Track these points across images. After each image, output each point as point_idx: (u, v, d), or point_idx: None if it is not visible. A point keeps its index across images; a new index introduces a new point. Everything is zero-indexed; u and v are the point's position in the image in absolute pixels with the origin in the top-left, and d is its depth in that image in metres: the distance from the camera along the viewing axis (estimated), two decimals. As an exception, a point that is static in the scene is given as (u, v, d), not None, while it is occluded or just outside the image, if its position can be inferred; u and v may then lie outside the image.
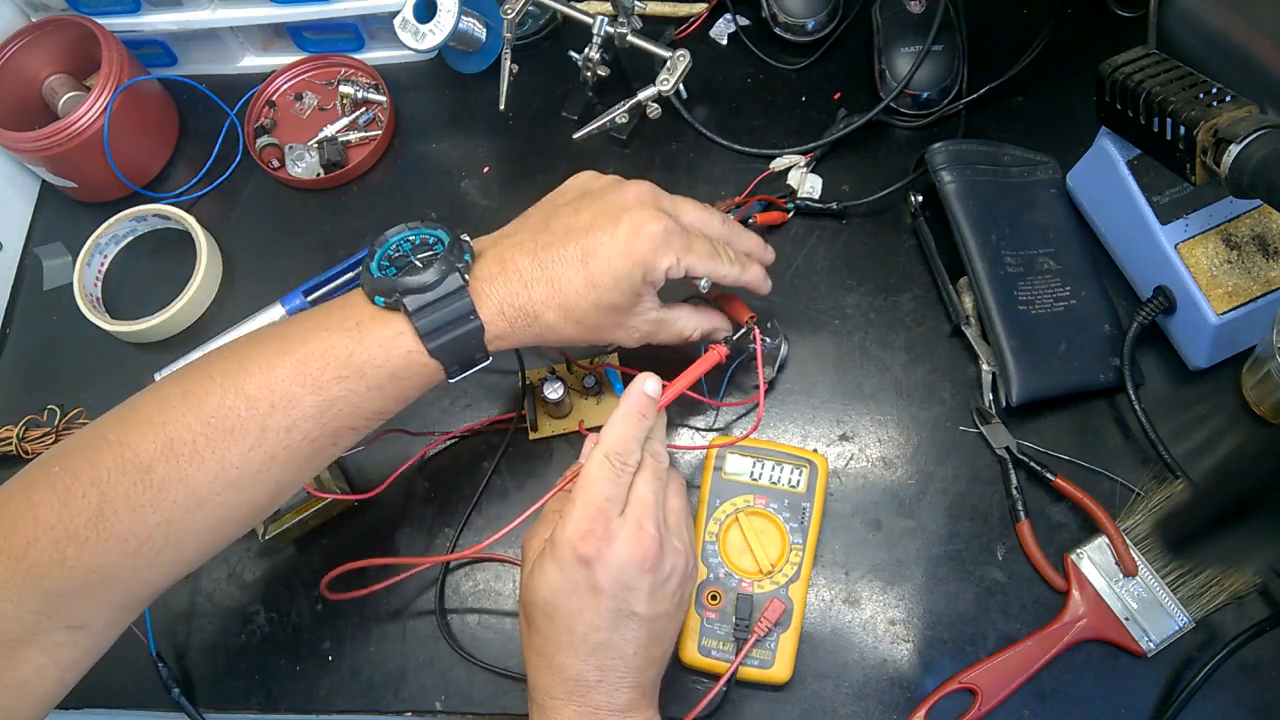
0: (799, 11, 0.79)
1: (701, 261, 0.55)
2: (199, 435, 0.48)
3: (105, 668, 0.66)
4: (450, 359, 0.53)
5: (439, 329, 0.52)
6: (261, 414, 0.49)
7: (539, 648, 0.51)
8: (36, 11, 0.82)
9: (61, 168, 0.78)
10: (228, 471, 0.49)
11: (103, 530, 0.47)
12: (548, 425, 0.69)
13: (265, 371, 0.50)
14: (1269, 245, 0.64)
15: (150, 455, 0.48)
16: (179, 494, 0.48)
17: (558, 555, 0.49)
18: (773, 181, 0.76)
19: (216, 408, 0.49)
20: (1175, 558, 0.61)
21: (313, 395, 0.50)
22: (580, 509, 0.49)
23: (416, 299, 0.51)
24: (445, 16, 0.72)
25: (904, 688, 0.61)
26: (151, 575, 0.50)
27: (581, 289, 0.53)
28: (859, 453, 0.67)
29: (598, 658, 0.50)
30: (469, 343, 0.53)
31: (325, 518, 0.68)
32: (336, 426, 0.52)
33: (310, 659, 0.66)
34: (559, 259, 0.53)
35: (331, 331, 0.52)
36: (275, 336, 0.52)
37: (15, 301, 0.81)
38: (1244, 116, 0.54)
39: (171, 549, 0.49)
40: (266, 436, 0.50)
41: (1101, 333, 0.67)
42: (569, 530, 0.49)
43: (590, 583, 0.49)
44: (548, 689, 0.50)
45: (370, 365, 0.51)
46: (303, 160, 0.81)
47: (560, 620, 0.50)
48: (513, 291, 0.53)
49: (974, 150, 0.71)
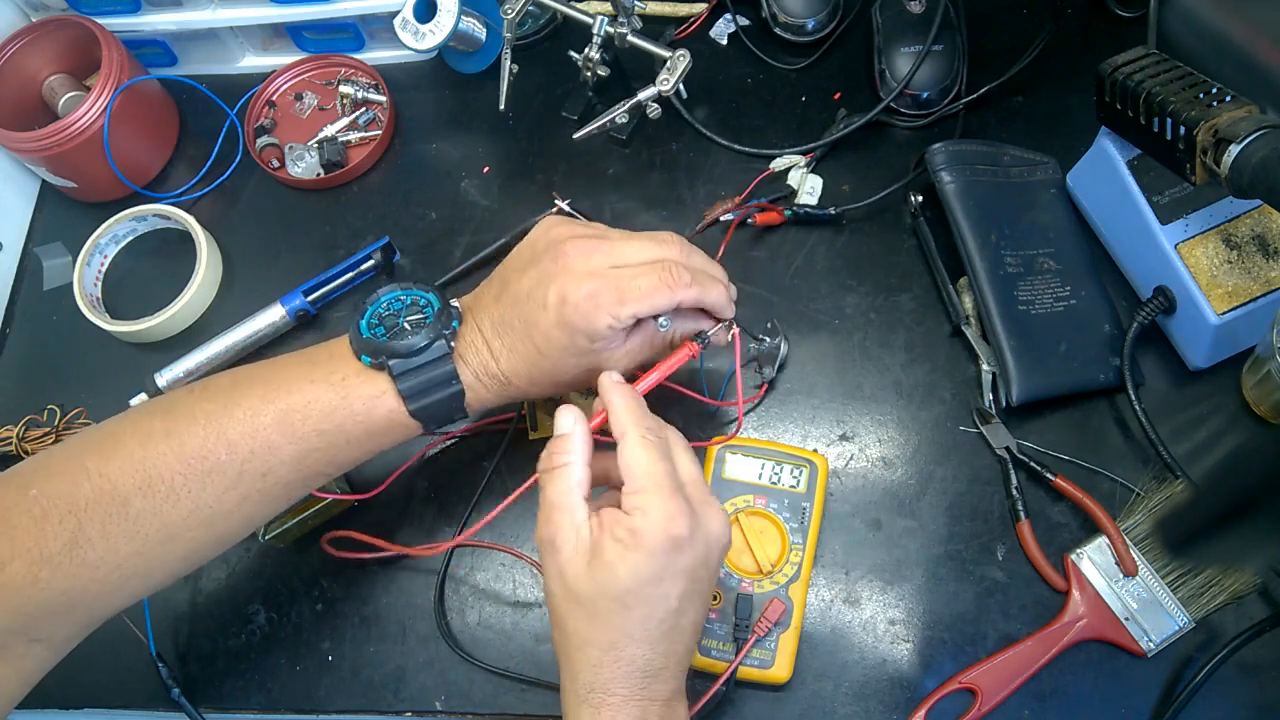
0: (799, 11, 0.79)
1: (643, 302, 0.52)
2: (178, 475, 0.50)
3: (105, 668, 0.67)
4: (430, 420, 0.55)
5: (422, 392, 0.53)
6: (240, 459, 0.51)
7: (605, 643, 0.47)
8: (36, 11, 0.82)
9: (61, 168, 0.78)
10: (202, 510, 0.51)
11: (76, 557, 0.48)
12: (547, 425, 0.69)
13: (249, 419, 0.51)
14: (1269, 245, 0.64)
15: (128, 490, 0.49)
16: (153, 528, 0.50)
17: (646, 542, 0.46)
18: (773, 182, 0.76)
19: (197, 449, 0.50)
20: (1175, 558, 0.61)
21: (292, 445, 0.52)
22: (655, 493, 0.47)
23: (402, 363, 0.53)
24: (445, 16, 0.72)
25: (904, 688, 0.61)
26: (118, 599, 0.52)
27: (536, 359, 0.54)
28: (859, 453, 0.67)
29: (667, 643, 0.48)
30: (449, 405, 0.54)
31: (325, 518, 0.68)
32: (311, 473, 0.54)
33: (310, 659, 0.66)
34: (511, 331, 0.54)
35: (317, 384, 0.53)
36: (262, 380, 0.53)
37: (15, 301, 0.81)
38: (1244, 116, 0.54)
39: (140, 577, 0.51)
40: (243, 480, 0.51)
41: (1101, 333, 0.67)
42: (655, 515, 0.46)
43: (678, 566, 0.47)
44: (606, 686, 0.47)
45: (351, 421, 0.53)
46: (303, 160, 0.81)
47: (639, 609, 0.47)
48: (484, 360, 0.55)
49: (974, 150, 0.71)
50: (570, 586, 0.47)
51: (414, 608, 0.66)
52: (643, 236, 0.56)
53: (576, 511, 0.48)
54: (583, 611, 0.47)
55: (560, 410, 0.51)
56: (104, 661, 0.67)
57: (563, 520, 0.48)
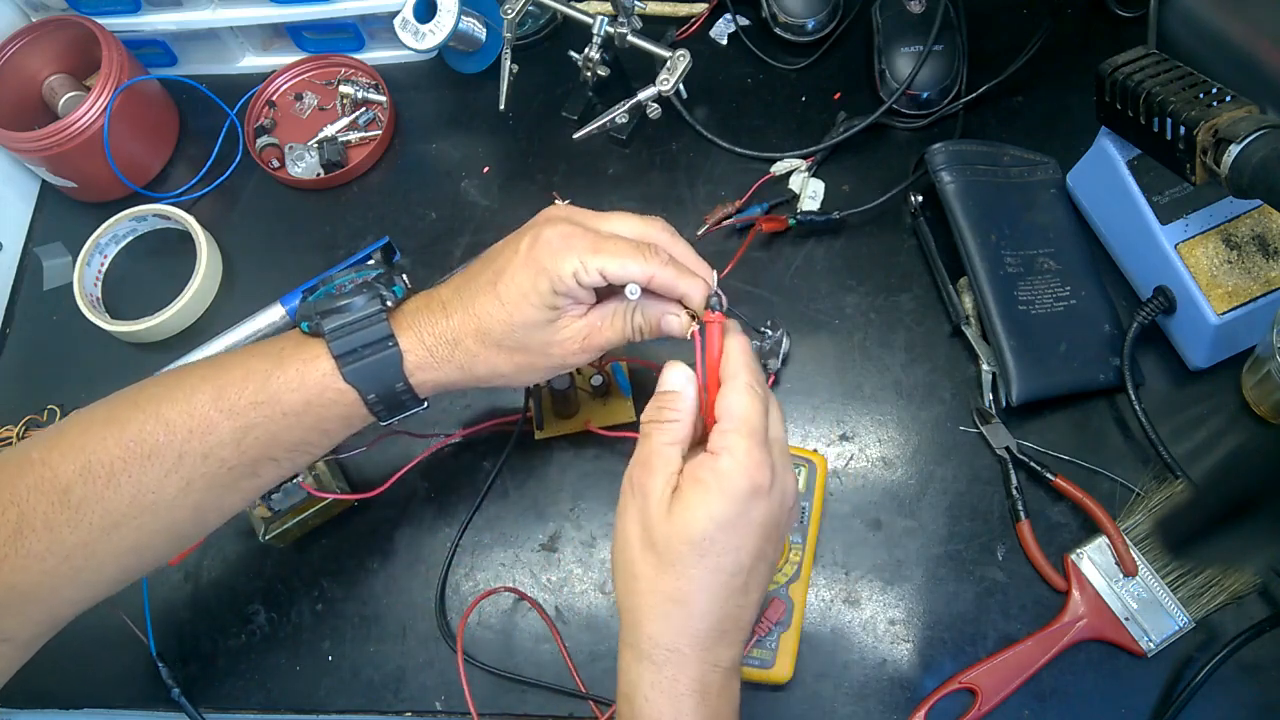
0: (799, 11, 0.79)
1: (614, 260, 0.50)
2: (117, 459, 0.49)
3: (105, 668, 0.67)
4: (367, 386, 0.52)
5: (354, 351, 0.52)
6: (179, 440, 0.50)
7: (675, 592, 0.46)
8: (36, 11, 0.82)
9: (61, 168, 0.78)
10: (144, 496, 0.50)
11: (20, 548, 0.48)
12: (553, 425, 0.69)
13: (186, 398, 0.51)
14: (1269, 245, 0.64)
15: (69, 477, 0.49)
16: (95, 516, 0.49)
17: (727, 485, 0.45)
18: (774, 185, 0.76)
19: (136, 433, 0.50)
20: (1175, 558, 0.61)
21: (229, 420, 0.51)
22: (747, 437, 0.46)
23: (334, 320, 0.52)
24: (445, 16, 0.72)
25: (904, 688, 0.61)
26: (73, 594, 0.51)
27: (493, 309, 0.52)
28: (859, 453, 0.67)
29: (735, 602, 0.47)
30: (386, 370, 0.52)
31: (325, 518, 0.68)
32: (255, 455, 0.52)
33: (310, 659, 0.66)
34: (475, 286, 0.53)
35: (253, 357, 0.52)
36: (203, 364, 0.53)
37: (15, 301, 0.81)
38: (1244, 116, 0.54)
39: (92, 570, 0.50)
40: (183, 462, 0.50)
41: (1101, 333, 0.67)
42: (741, 458, 0.45)
43: (753, 516, 0.46)
44: (673, 642, 0.46)
45: (286, 389, 0.51)
46: (303, 160, 0.81)
47: (712, 558, 0.45)
48: (433, 319, 0.53)
49: (974, 150, 0.71)
50: (649, 530, 0.46)
51: (414, 608, 0.66)
52: (629, 215, 0.55)
53: (672, 463, 0.47)
54: (655, 557, 0.46)
55: (672, 367, 0.49)
56: (104, 661, 0.67)
57: (658, 467, 0.47)
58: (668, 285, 0.52)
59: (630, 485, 0.48)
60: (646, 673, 0.46)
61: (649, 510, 0.47)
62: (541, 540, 0.67)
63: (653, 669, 0.46)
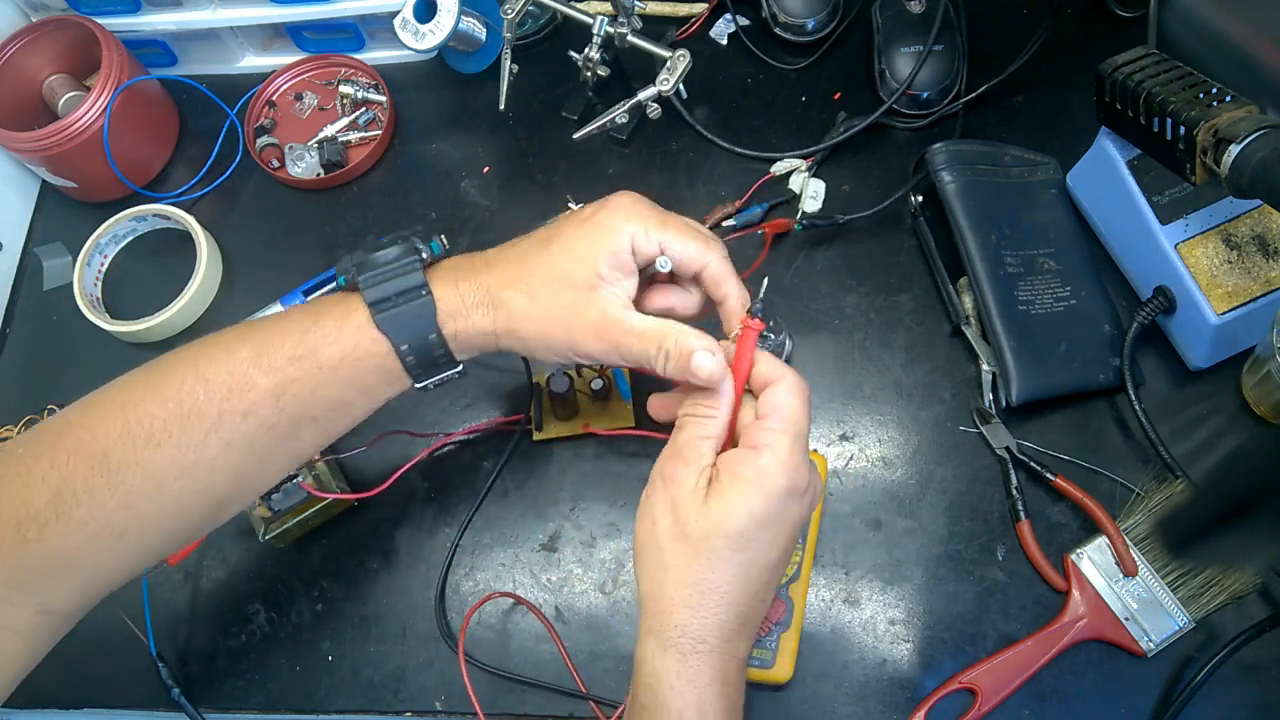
0: (799, 11, 0.79)
1: (679, 238, 0.51)
2: (156, 419, 0.48)
3: (105, 668, 0.67)
4: (400, 335, 0.51)
5: (387, 299, 0.51)
6: (219, 398, 0.49)
7: (707, 584, 0.46)
8: (36, 11, 0.82)
9: (61, 168, 0.78)
10: (184, 456, 0.49)
11: (62, 512, 0.47)
12: (553, 427, 0.69)
13: (225, 357, 0.50)
14: (1269, 245, 0.64)
15: (108, 439, 0.48)
16: (136, 478, 0.48)
17: (768, 483, 0.46)
18: (774, 185, 0.76)
19: (175, 392, 0.49)
20: (1175, 558, 0.61)
21: (267, 377, 0.50)
22: (794, 439, 0.47)
23: (371, 274, 0.51)
24: (445, 16, 0.72)
25: (904, 688, 0.61)
26: (117, 561, 0.50)
27: (537, 259, 0.51)
28: (859, 453, 0.67)
29: (759, 597, 0.48)
30: (418, 319, 0.51)
31: (325, 518, 0.68)
32: (295, 413, 0.51)
33: (310, 659, 0.66)
34: (527, 244, 0.53)
35: (293, 315, 0.52)
36: (243, 326, 0.53)
37: (15, 301, 0.81)
38: (1244, 116, 0.54)
39: (134, 534, 0.49)
40: (223, 421, 0.49)
41: (1101, 333, 0.67)
42: (784, 457, 0.46)
43: (788, 515, 0.47)
44: (700, 633, 0.46)
45: (323, 342, 0.50)
46: (303, 160, 0.81)
47: (747, 553, 0.46)
48: (474, 269, 0.52)
49: (974, 150, 0.71)
50: (682, 521, 0.47)
51: (414, 608, 0.66)
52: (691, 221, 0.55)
53: (706, 457, 0.48)
54: (689, 547, 0.46)
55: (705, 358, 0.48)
56: (104, 661, 0.67)
57: (692, 458, 0.48)
58: (717, 278, 0.53)
59: (662, 475, 0.48)
60: (672, 662, 0.46)
61: (682, 501, 0.47)
62: (541, 540, 0.67)
63: (679, 658, 0.46)
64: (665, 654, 0.46)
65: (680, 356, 0.49)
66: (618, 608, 0.65)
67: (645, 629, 0.48)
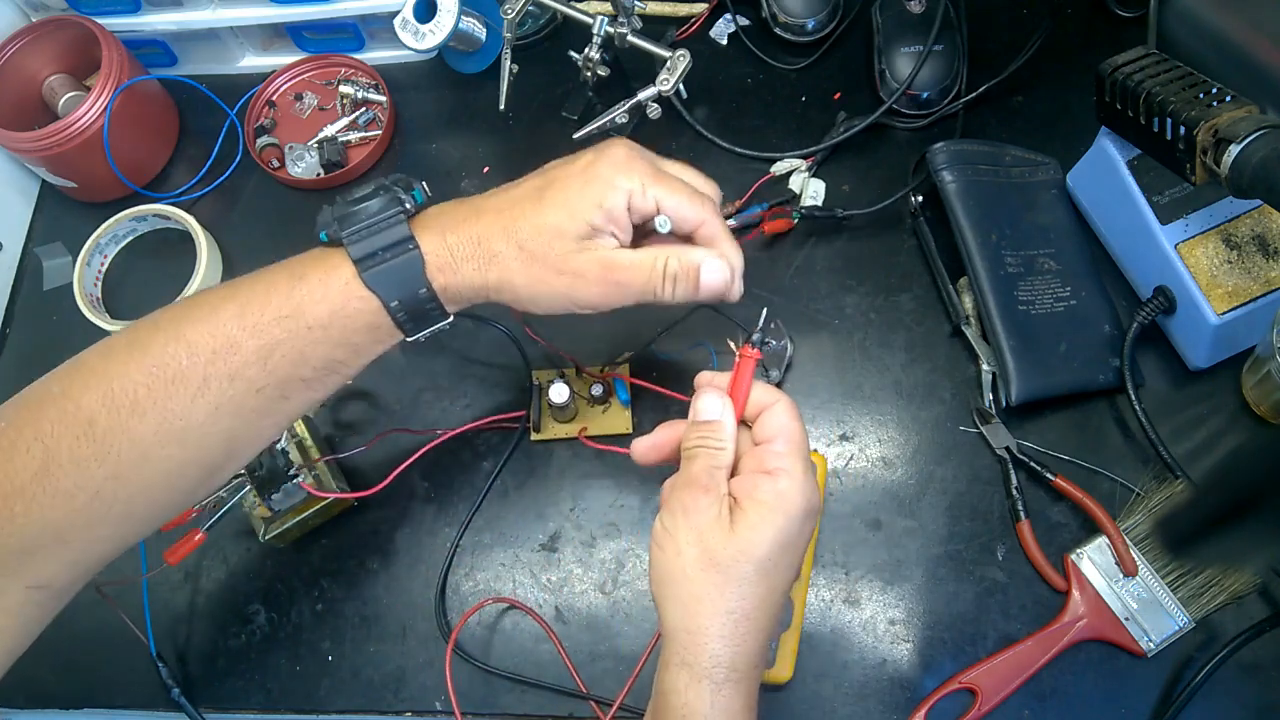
0: (799, 11, 0.79)
1: (673, 194, 0.50)
2: (140, 385, 0.47)
3: (105, 668, 0.67)
4: (389, 291, 0.50)
5: (373, 255, 0.49)
6: (203, 361, 0.48)
7: (740, 611, 0.46)
8: (36, 11, 0.82)
9: (61, 168, 0.78)
10: (171, 423, 0.48)
11: (49, 486, 0.46)
12: (550, 428, 0.69)
13: (208, 317, 0.49)
14: (1269, 245, 0.64)
15: (92, 408, 0.47)
16: (122, 447, 0.47)
17: (790, 506, 0.46)
18: (774, 185, 0.76)
19: (158, 357, 0.48)
20: (1175, 558, 0.61)
21: (254, 339, 0.48)
22: (803, 460, 0.47)
23: (351, 224, 0.50)
24: (445, 16, 0.72)
25: (904, 688, 0.61)
26: (107, 532, 0.49)
27: (529, 211, 0.50)
28: (859, 453, 0.67)
29: (779, 620, 0.48)
30: (407, 273, 0.50)
31: (325, 518, 0.68)
32: (283, 375, 0.50)
33: (310, 659, 0.66)
34: (518, 192, 0.52)
35: (276, 272, 0.50)
36: (227, 285, 0.51)
37: (15, 301, 0.81)
38: (1244, 116, 0.54)
39: (122, 504, 0.48)
40: (209, 385, 0.48)
41: (1101, 333, 0.67)
42: (800, 480, 0.46)
43: (804, 534, 0.47)
44: (734, 661, 0.46)
45: (309, 300, 0.49)
46: (303, 160, 0.81)
47: (774, 576, 0.46)
48: (461, 218, 0.51)
49: (975, 150, 0.71)
50: (710, 551, 0.46)
51: (414, 608, 0.66)
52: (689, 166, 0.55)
53: (721, 485, 0.48)
54: (720, 577, 0.46)
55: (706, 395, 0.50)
56: (104, 661, 0.67)
57: (710, 487, 0.47)
58: (712, 236, 0.52)
59: (682, 507, 0.47)
60: (706, 693, 0.46)
61: (707, 530, 0.46)
62: (541, 540, 0.67)
63: (712, 689, 0.46)
64: (699, 686, 0.46)
65: (687, 272, 0.50)
66: (618, 608, 0.65)
67: (676, 661, 0.47)
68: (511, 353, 0.70)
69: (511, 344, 0.69)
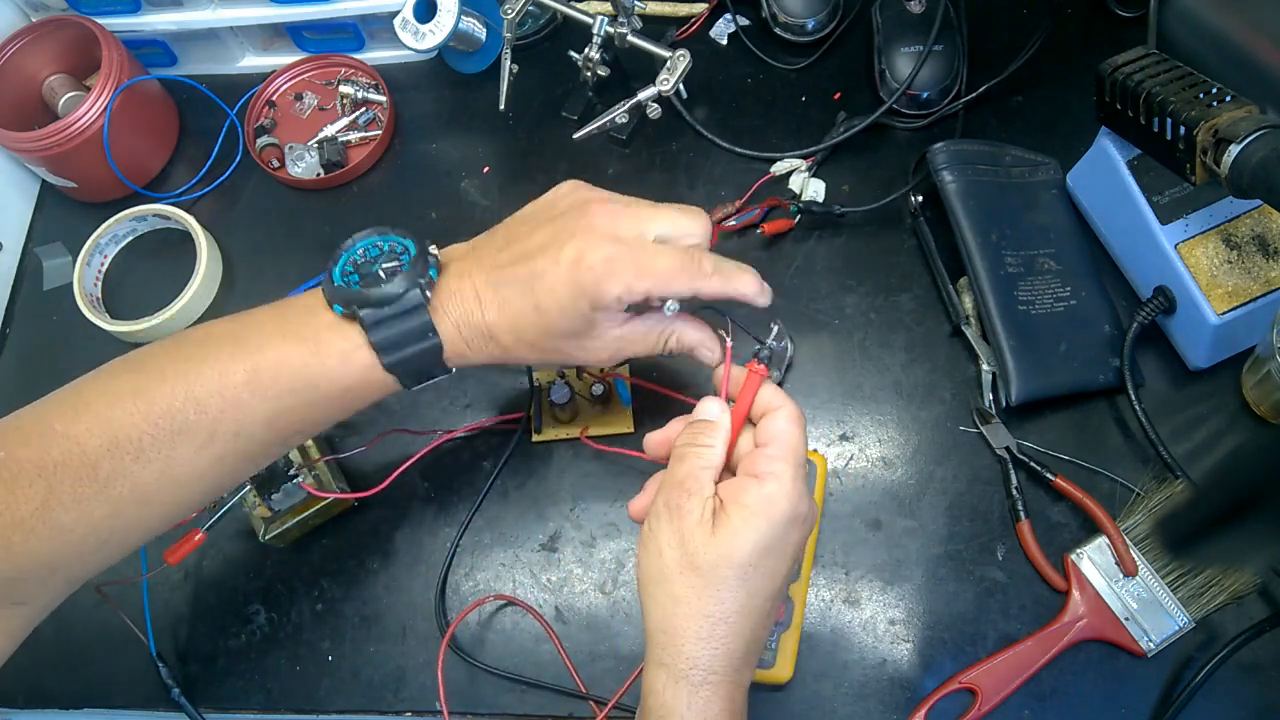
0: (799, 11, 0.79)
1: (661, 283, 0.51)
2: (145, 435, 0.48)
3: (105, 668, 0.67)
4: (407, 374, 0.52)
5: (396, 344, 0.51)
6: (211, 419, 0.49)
7: (718, 614, 0.46)
8: (36, 11, 0.82)
9: (61, 168, 0.78)
10: (174, 470, 0.49)
11: (49, 520, 0.47)
12: (551, 429, 0.69)
13: (218, 377, 0.49)
14: (1269, 245, 0.64)
15: (96, 452, 0.47)
16: (124, 490, 0.48)
17: (774, 512, 0.46)
18: (774, 185, 0.76)
19: (165, 409, 0.48)
20: (1175, 558, 0.61)
21: (264, 404, 0.50)
22: (795, 468, 0.48)
23: (375, 313, 0.50)
24: (445, 16, 0.72)
25: (904, 688, 0.61)
26: (98, 560, 0.50)
27: (530, 315, 0.51)
28: (859, 453, 0.67)
29: (764, 624, 0.48)
30: (426, 359, 0.52)
31: (325, 518, 0.68)
32: (286, 433, 0.52)
33: (310, 659, 0.66)
34: (510, 281, 0.52)
35: (288, 341, 0.51)
36: (232, 338, 0.51)
37: (15, 301, 0.81)
38: (1244, 116, 0.54)
39: (118, 539, 0.49)
40: (215, 440, 0.49)
41: (1101, 333, 0.67)
42: (788, 485, 0.47)
43: (789, 541, 0.47)
44: (711, 664, 0.46)
45: (325, 379, 0.51)
46: (303, 160, 0.81)
47: (754, 581, 0.47)
48: (469, 310, 0.52)
49: (975, 150, 0.71)
50: (691, 553, 0.47)
51: (414, 608, 0.66)
52: (671, 208, 0.54)
53: (707, 487, 0.48)
54: (699, 580, 0.46)
55: (708, 399, 0.51)
56: (104, 661, 0.67)
57: (695, 490, 0.48)
58: (716, 294, 0.53)
59: (666, 508, 0.48)
60: (683, 694, 0.46)
61: (689, 532, 0.47)
62: (541, 540, 0.67)
63: (689, 690, 0.46)
64: (677, 686, 0.46)
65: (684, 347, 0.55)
66: (618, 608, 0.65)
67: (655, 661, 0.48)
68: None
69: (511, 344, 0.69)
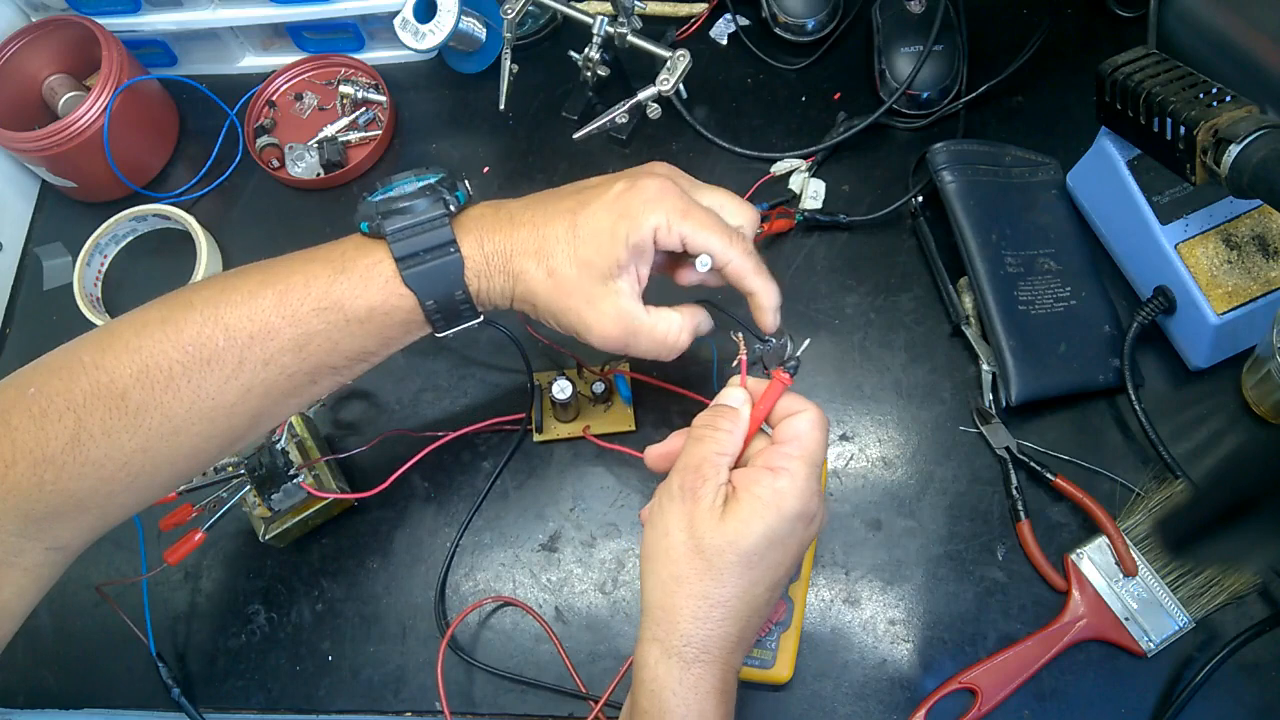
0: (799, 11, 0.79)
1: (699, 231, 0.51)
2: (175, 363, 0.48)
3: (105, 668, 0.67)
4: (426, 291, 0.51)
5: (415, 255, 0.51)
6: (240, 345, 0.49)
7: (717, 598, 0.47)
8: (36, 11, 0.82)
9: (61, 168, 0.78)
10: (203, 401, 0.49)
11: (79, 455, 0.47)
12: (553, 428, 0.69)
13: (246, 301, 0.49)
14: (1269, 245, 0.64)
15: (126, 381, 0.47)
16: (155, 421, 0.48)
17: (784, 505, 0.47)
18: (774, 185, 0.76)
19: (195, 336, 0.48)
20: (1175, 558, 0.61)
21: (292, 328, 0.50)
22: (811, 468, 0.48)
23: (396, 221, 0.51)
24: (445, 16, 0.72)
25: (904, 688, 0.61)
26: (128, 500, 0.50)
27: (562, 235, 0.51)
28: (859, 453, 0.67)
29: (760, 614, 0.49)
30: (447, 276, 0.51)
31: (325, 518, 0.68)
32: (316, 363, 0.51)
33: (310, 659, 0.66)
34: (553, 210, 0.52)
35: (315, 263, 0.51)
36: (260, 269, 0.52)
37: (15, 301, 0.81)
38: (1244, 116, 0.54)
39: (148, 475, 0.49)
40: (244, 368, 0.49)
41: (1101, 333, 0.67)
42: (801, 483, 0.48)
43: (796, 537, 0.48)
44: (705, 644, 0.47)
45: (349, 296, 0.50)
46: (303, 160, 0.81)
47: (757, 571, 0.47)
48: (497, 227, 0.52)
49: (975, 150, 0.71)
50: (698, 537, 0.47)
51: (414, 608, 0.66)
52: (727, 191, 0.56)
53: (721, 472, 0.49)
54: (703, 563, 0.47)
55: (730, 386, 0.52)
56: (104, 661, 0.67)
57: (709, 474, 0.48)
58: (739, 274, 0.53)
59: (678, 488, 0.49)
60: (675, 669, 0.47)
61: (698, 516, 0.47)
62: (541, 540, 0.67)
63: (681, 666, 0.47)
64: (669, 661, 0.47)
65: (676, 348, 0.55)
66: (618, 608, 0.65)
67: (649, 636, 0.48)
68: (511, 353, 0.70)
69: (511, 344, 0.69)
